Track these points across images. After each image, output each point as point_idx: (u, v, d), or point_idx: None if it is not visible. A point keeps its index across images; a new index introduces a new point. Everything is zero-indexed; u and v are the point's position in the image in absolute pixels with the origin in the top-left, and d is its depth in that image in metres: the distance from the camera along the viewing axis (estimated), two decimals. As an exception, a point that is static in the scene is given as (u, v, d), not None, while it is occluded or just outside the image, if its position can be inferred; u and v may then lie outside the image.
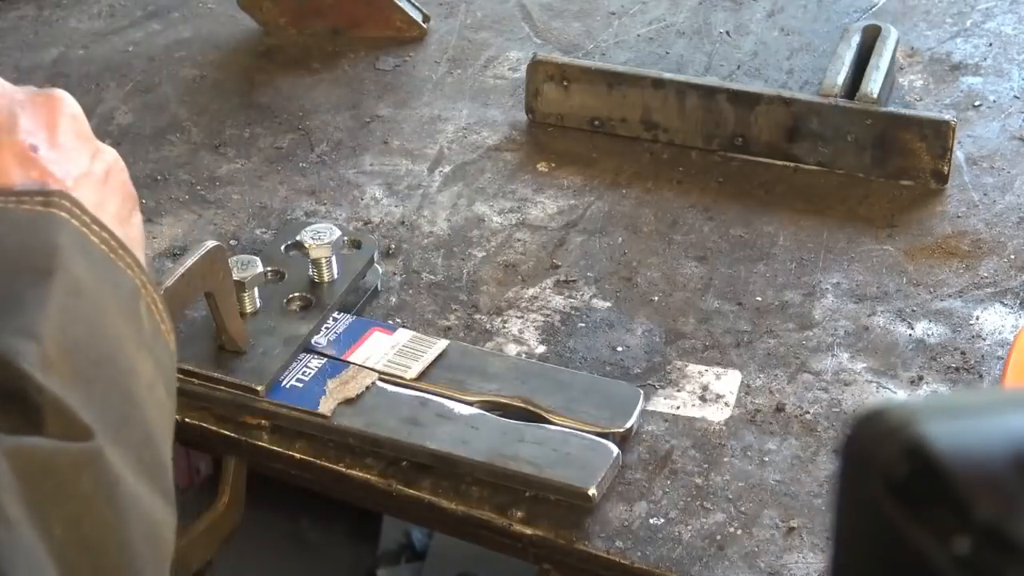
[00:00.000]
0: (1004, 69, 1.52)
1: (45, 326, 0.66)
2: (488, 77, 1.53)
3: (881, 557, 0.48)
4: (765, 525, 1.03)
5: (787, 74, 1.51)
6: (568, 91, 1.42)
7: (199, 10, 1.64)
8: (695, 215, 1.33)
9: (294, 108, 1.48)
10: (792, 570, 1.00)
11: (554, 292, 1.24)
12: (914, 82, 1.50)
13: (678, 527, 1.03)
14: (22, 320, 0.66)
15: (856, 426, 0.49)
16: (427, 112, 1.48)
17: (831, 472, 1.06)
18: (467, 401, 1.11)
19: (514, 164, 1.40)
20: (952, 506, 0.45)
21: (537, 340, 1.19)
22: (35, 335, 0.65)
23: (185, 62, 1.55)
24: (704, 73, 1.50)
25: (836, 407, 1.13)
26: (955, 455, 0.46)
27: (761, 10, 1.62)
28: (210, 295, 1.07)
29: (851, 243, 1.29)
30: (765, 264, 1.27)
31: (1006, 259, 1.27)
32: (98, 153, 0.79)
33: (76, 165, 0.76)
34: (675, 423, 1.11)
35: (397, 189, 1.37)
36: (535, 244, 1.30)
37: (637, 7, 1.64)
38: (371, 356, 1.14)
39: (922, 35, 1.57)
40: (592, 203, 1.35)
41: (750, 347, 1.18)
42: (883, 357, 1.17)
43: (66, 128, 0.78)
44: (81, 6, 1.65)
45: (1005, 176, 1.37)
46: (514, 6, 1.65)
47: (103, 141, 1.48)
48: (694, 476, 1.07)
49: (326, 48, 1.57)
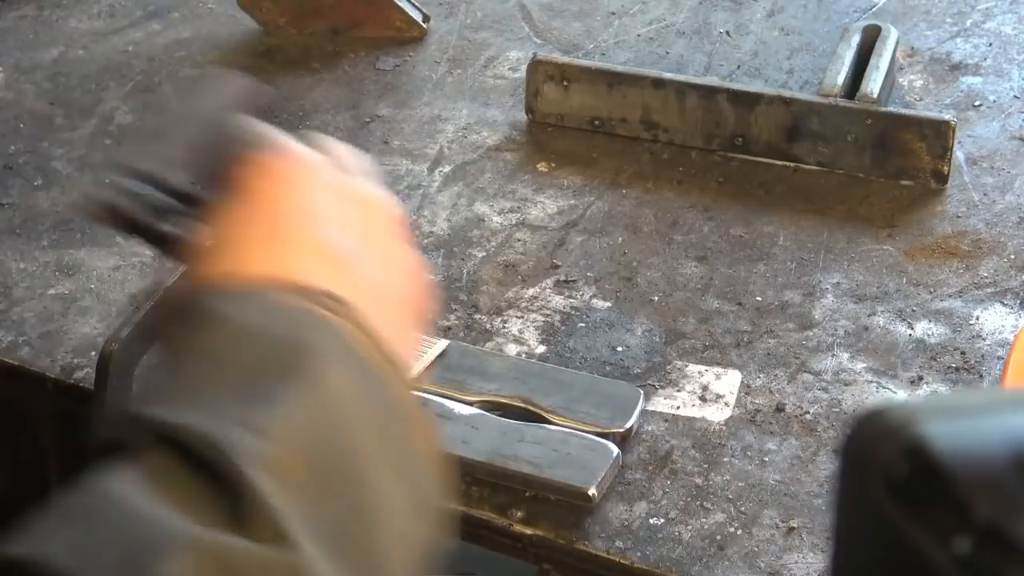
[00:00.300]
0: (1004, 69, 1.52)
1: (276, 424, 0.63)
2: (488, 77, 1.53)
3: (881, 557, 0.48)
4: (765, 525, 1.03)
5: (787, 74, 1.51)
6: (568, 91, 1.42)
7: (199, 10, 1.64)
8: (695, 215, 1.33)
9: (294, 108, 1.48)
10: (792, 570, 1.00)
11: (554, 292, 1.24)
12: (914, 82, 1.50)
13: (678, 527, 1.03)
14: (252, 413, 0.63)
15: (856, 426, 0.49)
16: (427, 112, 1.48)
17: (831, 472, 1.06)
18: (467, 401, 1.11)
19: (514, 164, 1.40)
20: (952, 506, 0.45)
21: (537, 340, 1.19)
22: (262, 431, 0.63)
23: (185, 62, 1.55)
24: (704, 73, 1.50)
25: (836, 407, 1.13)
26: (955, 455, 0.46)
27: (761, 10, 1.62)
28: (210, 295, 1.07)
29: (851, 243, 1.29)
30: (765, 264, 1.27)
31: (1006, 259, 1.27)
32: (399, 260, 0.77)
33: (371, 270, 0.74)
34: (675, 423, 1.11)
35: (397, 189, 1.37)
36: (535, 244, 1.30)
37: (637, 7, 1.64)
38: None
39: (922, 35, 1.57)
40: (592, 203, 1.35)
41: (750, 347, 1.18)
42: (883, 357, 1.17)
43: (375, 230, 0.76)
44: (81, 6, 1.66)
45: (1005, 176, 1.37)
46: (514, 6, 1.65)
47: (103, 141, 1.48)
48: (694, 476, 1.07)
49: (326, 48, 1.57)
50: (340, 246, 0.73)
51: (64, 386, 1.16)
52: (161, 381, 0.69)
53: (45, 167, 1.40)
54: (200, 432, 0.62)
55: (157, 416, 0.63)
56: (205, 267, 0.73)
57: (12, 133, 1.45)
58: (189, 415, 0.63)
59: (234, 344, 0.67)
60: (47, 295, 1.24)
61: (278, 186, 0.75)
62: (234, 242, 0.73)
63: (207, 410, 0.63)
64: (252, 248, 0.72)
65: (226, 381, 0.65)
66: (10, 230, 1.32)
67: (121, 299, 1.24)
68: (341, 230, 0.74)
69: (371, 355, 0.68)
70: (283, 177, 0.76)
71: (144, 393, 0.69)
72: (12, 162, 1.41)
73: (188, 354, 0.67)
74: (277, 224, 0.73)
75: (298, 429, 0.64)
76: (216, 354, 0.67)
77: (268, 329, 0.67)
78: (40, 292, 1.25)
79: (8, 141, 1.44)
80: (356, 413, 0.66)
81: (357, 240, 0.74)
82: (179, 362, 0.68)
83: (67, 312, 1.23)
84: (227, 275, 0.71)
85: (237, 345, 0.67)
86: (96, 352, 1.11)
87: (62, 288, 1.25)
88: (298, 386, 0.65)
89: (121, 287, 1.25)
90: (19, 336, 1.20)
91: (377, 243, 0.76)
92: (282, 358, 0.66)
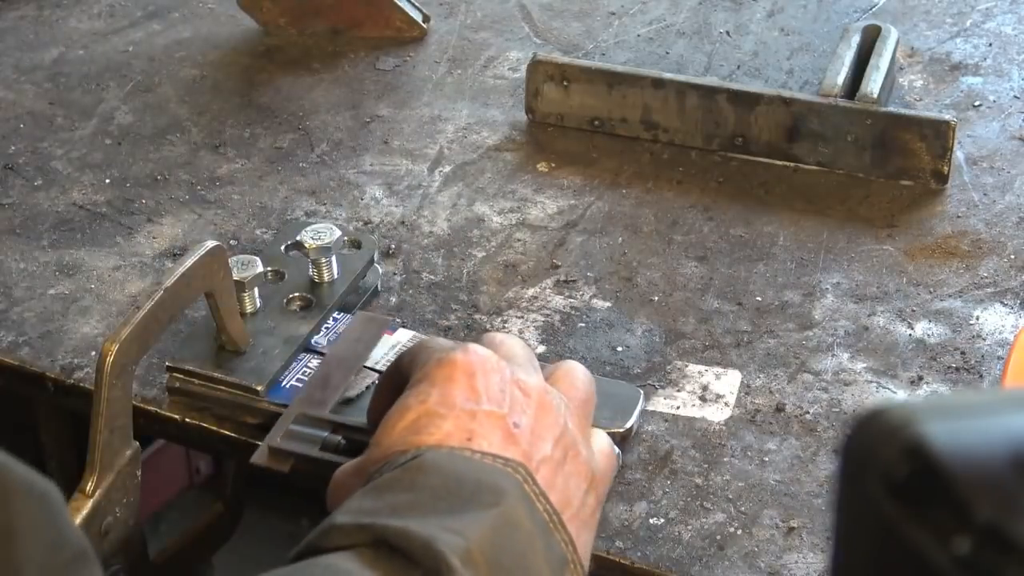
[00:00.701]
0: (1004, 69, 1.52)
1: (475, 533, 0.81)
2: (488, 77, 1.53)
3: (881, 557, 0.48)
4: (765, 525, 1.03)
5: (787, 74, 1.51)
6: (568, 91, 1.42)
7: (199, 10, 1.64)
8: (695, 215, 1.33)
9: (294, 108, 1.48)
10: (792, 570, 1.00)
11: (554, 292, 1.24)
12: (914, 82, 1.50)
13: (678, 527, 1.03)
14: (459, 524, 0.81)
15: (856, 426, 0.49)
16: (427, 112, 1.48)
17: (831, 472, 1.07)
18: (467, 401, 1.11)
19: (514, 164, 1.40)
20: (952, 506, 0.45)
21: (537, 340, 1.19)
22: (464, 535, 0.80)
23: (185, 62, 1.55)
24: (704, 73, 1.50)
25: (836, 407, 1.13)
26: (955, 455, 0.46)
27: (761, 10, 1.62)
28: (210, 295, 1.07)
29: (851, 243, 1.29)
30: (765, 264, 1.27)
31: (1006, 259, 1.27)
32: (563, 438, 0.93)
33: (544, 446, 0.91)
34: (675, 423, 1.11)
35: (397, 189, 1.37)
36: (535, 244, 1.30)
37: (637, 7, 1.64)
38: (371, 356, 1.14)
39: (922, 35, 1.57)
40: (592, 203, 1.35)
41: (750, 347, 1.18)
42: (883, 357, 1.17)
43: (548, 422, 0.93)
44: (81, 6, 1.66)
45: (1005, 176, 1.37)
46: (514, 6, 1.65)
47: (103, 141, 1.48)
48: (694, 476, 1.07)
49: (326, 48, 1.57)
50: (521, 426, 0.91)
51: (64, 386, 1.16)
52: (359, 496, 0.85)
53: (45, 167, 1.40)
54: (412, 530, 0.80)
55: (379, 523, 0.81)
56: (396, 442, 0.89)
57: (12, 133, 1.45)
58: (400, 519, 0.81)
59: (445, 481, 0.84)
60: (47, 295, 1.24)
61: (457, 372, 0.92)
62: (421, 417, 0.89)
63: (419, 521, 0.81)
64: (439, 420, 0.89)
65: (427, 503, 0.82)
66: (10, 230, 1.32)
67: (121, 299, 1.24)
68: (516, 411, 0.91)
69: (541, 503, 0.86)
70: (460, 364, 0.92)
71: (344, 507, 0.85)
72: (12, 162, 1.41)
73: (402, 485, 0.84)
74: (460, 404, 0.90)
75: (492, 541, 0.81)
76: (429, 487, 0.84)
77: (471, 475, 0.85)
78: (40, 292, 1.25)
79: (8, 141, 1.44)
80: (531, 545, 0.84)
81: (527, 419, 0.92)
82: (383, 481, 0.85)
83: (67, 312, 1.23)
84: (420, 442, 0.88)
85: (447, 482, 0.84)
86: (96, 352, 1.11)
87: (62, 288, 1.25)
88: (495, 514, 0.82)
89: (121, 287, 1.25)
90: (19, 336, 1.20)
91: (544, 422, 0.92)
92: (482, 494, 0.84)
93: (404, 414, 0.90)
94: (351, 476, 0.92)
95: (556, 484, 0.90)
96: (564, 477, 0.91)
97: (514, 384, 0.93)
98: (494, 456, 0.87)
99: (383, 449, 0.89)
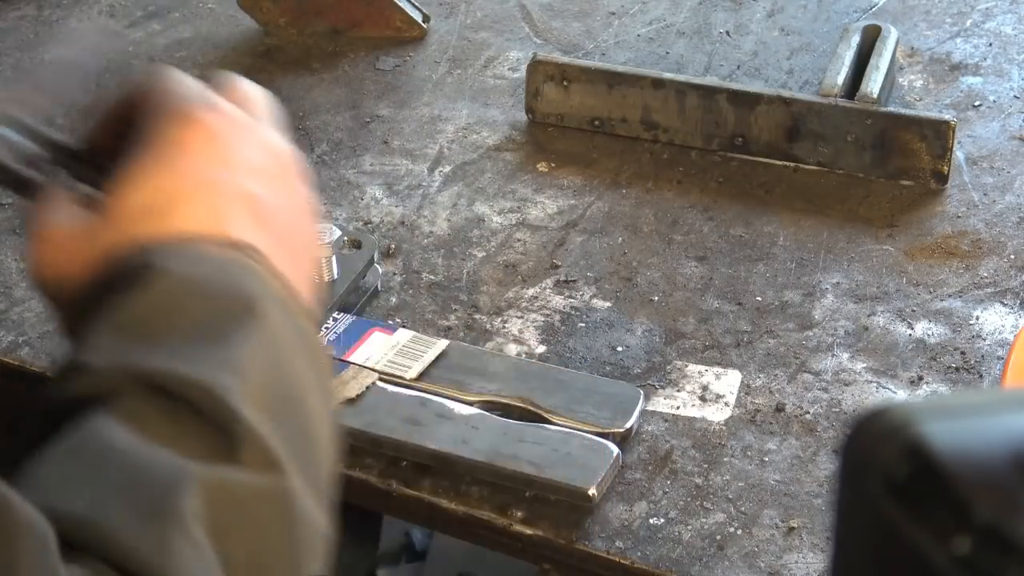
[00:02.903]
0: (1004, 69, 1.52)
1: (248, 364, 0.70)
2: (488, 77, 1.53)
3: (881, 557, 0.48)
4: (765, 525, 1.03)
5: (787, 74, 1.51)
6: (568, 91, 1.42)
7: (199, 10, 1.64)
8: (695, 215, 1.33)
9: (294, 108, 1.48)
10: (792, 570, 1.00)
11: (554, 292, 1.24)
12: (914, 82, 1.50)
13: (678, 527, 1.03)
14: (229, 356, 0.70)
15: (856, 426, 0.49)
16: (427, 112, 1.48)
17: (831, 472, 1.06)
18: (467, 401, 1.11)
19: (514, 164, 1.40)
20: (952, 506, 0.45)
21: (537, 340, 1.19)
22: (240, 371, 0.69)
23: (185, 62, 1.55)
24: (704, 73, 1.50)
25: (836, 407, 1.13)
26: (955, 455, 0.46)
27: (761, 10, 1.62)
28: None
29: (851, 243, 1.29)
30: (765, 264, 1.27)
31: (1006, 259, 1.27)
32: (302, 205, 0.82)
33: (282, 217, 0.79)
34: (675, 423, 1.11)
35: (397, 189, 1.37)
36: (535, 244, 1.30)
37: (637, 7, 1.64)
38: (371, 356, 1.14)
39: (922, 35, 1.57)
40: (592, 203, 1.35)
41: (750, 347, 1.18)
42: (883, 357, 1.17)
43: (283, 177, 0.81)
44: (81, 6, 1.66)
45: (1005, 176, 1.37)
46: (514, 6, 1.65)
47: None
48: (694, 476, 1.07)
49: (326, 48, 1.57)
50: (259, 196, 0.78)
51: (64, 386, 1.16)
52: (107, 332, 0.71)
53: (45, 167, 1.40)
54: (184, 374, 0.67)
55: (132, 364, 0.68)
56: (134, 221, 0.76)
57: (12, 133, 1.45)
58: (165, 360, 0.68)
59: (181, 295, 0.72)
60: (47, 295, 1.24)
61: (200, 136, 0.78)
62: (162, 193, 0.76)
63: (178, 355, 0.68)
64: (181, 200, 0.76)
65: (183, 329, 0.70)
66: (10, 230, 1.32)
67: (121, 299, 1.24)
68: (258, 179, 0.78)
69: (286, 298, 0.75)
70: (204, 127, 0.79)
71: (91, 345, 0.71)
72: (12, 162, 1.41)
73: (135, 307, 0.71)
74: (203, 175, 0.77)
75: (260, 365, 0.70)
76: (165, 305, 0.71)
77: (210, 279, 0.72)
78: (40, 292, 1.25)
79: (8, 141, 1.44)
80: (290, 347, 0.73)
81: (270, 188, 0.79)
82: (127, 314, 0.71)
83: (67, 312, 1.23)
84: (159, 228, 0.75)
85: (184, 296, 0.72)
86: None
87: (62, 288, 1.25)
88: (251, 328, 0.71)
89: (121, 287, 1.25)
90: (19, 336, 1.20)
91: (285, 190, 0.80)
92: (230, 305, 0.72)
93: (144, 185, 0.76)
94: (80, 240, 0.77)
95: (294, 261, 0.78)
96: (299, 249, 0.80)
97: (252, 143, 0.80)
98: (237, 246, 0.75)
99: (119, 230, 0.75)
